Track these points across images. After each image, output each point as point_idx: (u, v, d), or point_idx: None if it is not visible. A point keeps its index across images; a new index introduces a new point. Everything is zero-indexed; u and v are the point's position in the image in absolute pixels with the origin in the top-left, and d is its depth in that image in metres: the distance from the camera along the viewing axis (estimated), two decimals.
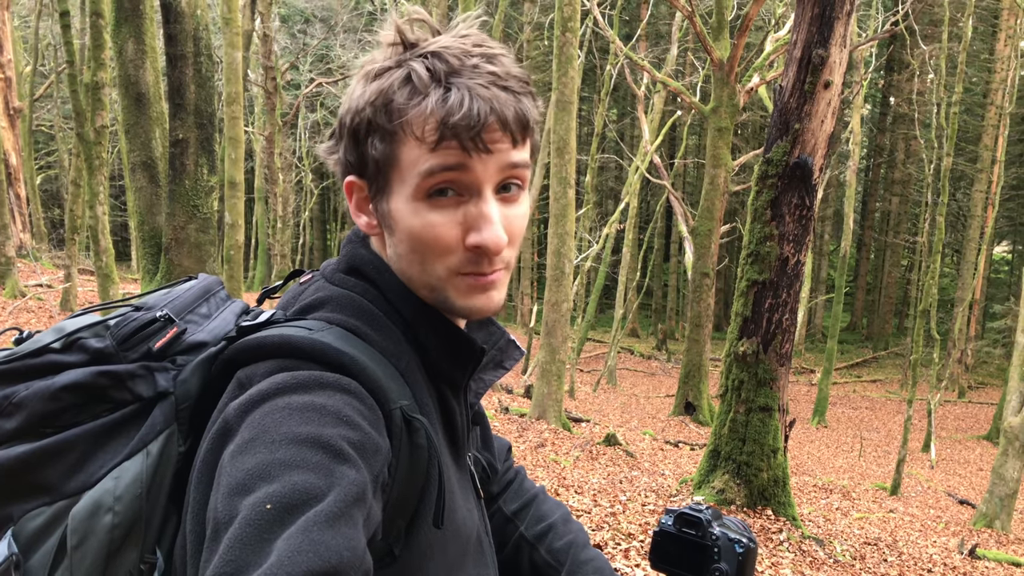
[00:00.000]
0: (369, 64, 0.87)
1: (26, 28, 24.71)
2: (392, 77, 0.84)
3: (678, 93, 16.13)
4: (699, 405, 15.26)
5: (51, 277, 13.76)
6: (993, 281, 31.67)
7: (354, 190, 0.91)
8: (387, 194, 0.87)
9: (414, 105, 0.82)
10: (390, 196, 0.87)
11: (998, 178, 22.53)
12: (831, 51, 5.91)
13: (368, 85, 0.85)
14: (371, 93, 0.84)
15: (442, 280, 0.87)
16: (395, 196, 0.86)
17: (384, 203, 0.88)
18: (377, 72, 0.85)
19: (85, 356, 0.86)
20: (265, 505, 0.66)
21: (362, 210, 0.91)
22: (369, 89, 0.85)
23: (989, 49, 27.75)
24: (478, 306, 0.89)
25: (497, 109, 0.83)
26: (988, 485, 10.18)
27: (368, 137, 0.85)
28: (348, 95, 0.88)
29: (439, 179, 0.83)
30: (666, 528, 1.15)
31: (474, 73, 0.83)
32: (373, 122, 0.84)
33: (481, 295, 0.88)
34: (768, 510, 6.24)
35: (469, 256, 0.86)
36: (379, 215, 0.89)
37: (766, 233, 6.19)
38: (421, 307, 0.90)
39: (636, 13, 28.52)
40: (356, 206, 0.91)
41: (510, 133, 0.84)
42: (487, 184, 0.85)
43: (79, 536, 0.80)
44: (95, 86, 8.08)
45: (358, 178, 0.89)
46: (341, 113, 0.89)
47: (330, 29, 24.44)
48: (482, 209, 0.85)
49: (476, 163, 0.83)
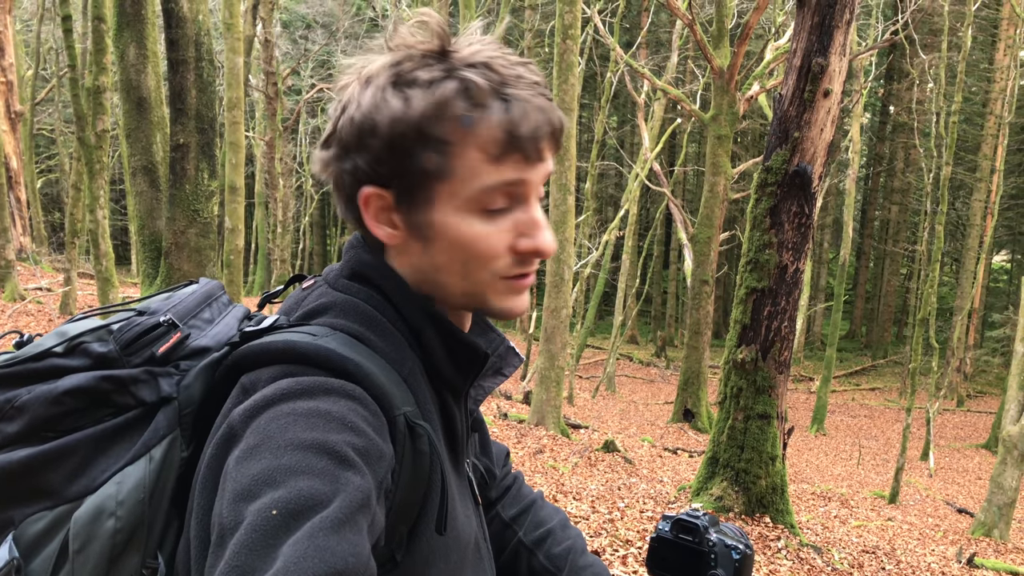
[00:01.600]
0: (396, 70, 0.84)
1: (28, 32, 24.76)
2: (446, 87, 0.82)
3: (678, 101, 16.16)
4: (698, 412, 15.25)
5: (51, 281, 13.75)
6: (992, 290, 31.69)
7: (372, 200, 0.87)
8: (427, 205, 0.85)
9: (477, 117, 0.82)
10: (432, 207, 0.85)
11: (997, 187, 22.57)
12: (831, 60, 5.93)
13: (410, 93, 0.82)
14: (423, 103, 0.81)
15: (485, 285, 0.88)
16: (440, 207, 0.85)
17: (421, 214, 0.86)
18: (419, 81, 0.82)
19: (88, 360, 0.86)
20: (271, 511, 0.67)
21: (381, 220, 0.88)
22: (416, 98, 0.82)
23: (989, 59, 27.82)
24: (515, 307, 0.91)
25: (552, 120, 0.85)
26: (987, 494, 10.17)
27: (415, 147, 0.82)
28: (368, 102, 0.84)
29: (501, 194, 0.85)
30: (663, 534, 1.15)
31: (521, 84, 0.84)
32: (427, 133, 0.82)
33: (518, 297, 0.91)
34: (766, 517, 6.23)
35: (516, 260, 0.87)
36: (410, 225, 0.87)
37: (765, 241, 6.20)
38: (427, 313, 0.90)
39: (636, 21, 28.56)
40: (374, 217, 0.88)
41: (556, 142, 0.87)
42: (535, 192, 0.87)
43: (81, 541, 0.80)
44: (96, 90, 8.09)
45: (379, 188, 0.86)
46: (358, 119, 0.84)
47: (331, 35, 24.48)
48: (534, 216, 0.87)
49: (531, 174, 0.85)
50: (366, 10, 26.81)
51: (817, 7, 5.93)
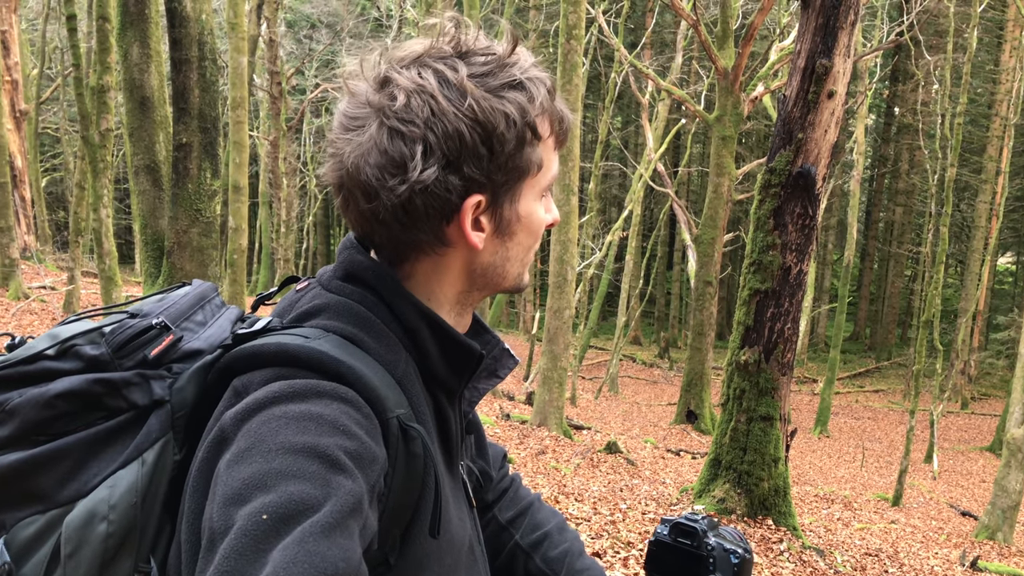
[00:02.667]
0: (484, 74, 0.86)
1: (33, 31, 24.81)
2: (539, 88, 0.88)
3: (682, 101, 16.14)
4: (701, 414, 15.23)
5: (55, 279, 13.76)
6: (997, 292, 31.62)
7: (475, 208, 0.87)
8: (517, 199, 0.90)
9: (552, 110, 0.90)
10: (518, 200, 0.91)
11: (1002, 189, 22.50)
12: (835, 61, 5.92)
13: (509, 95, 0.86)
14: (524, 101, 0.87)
15: (528, 262, 0.97)
16: (524, 198, 0.91)
17: (509, 208, 0.90)
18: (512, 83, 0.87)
19: (80, 363, 0.85)
20: (261, 515, 0.67)
21: (476, 226, 0.89)
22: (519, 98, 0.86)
23: (994, 60, 27.76)
24: (527, 280, 0.98)
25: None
26: (991, 497, 10.14)
27: (526, 146, 0.88)
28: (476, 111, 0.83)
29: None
30: (661, 537, 1.15)
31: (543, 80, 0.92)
32: (536, 129, 0.88)
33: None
34: (769, 520, 6.22)
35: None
36: (498, 223, 0.90)
37: (769, 242, 6.19)
38: (422, 313, 0.90)
39: (641, 21, 28.56)
40: (473, 225, 0.88)
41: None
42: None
43: (73, 545, 0.79)
44: (100, 89, 8.11)
45: (478, 195, 0.87)
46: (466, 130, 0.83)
47: (336, 35, 24.49)
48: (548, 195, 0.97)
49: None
50: (370, 10, 26.82)
51: (821, 8, 5.91)
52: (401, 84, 0.84)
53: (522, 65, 0.88)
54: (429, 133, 0.83)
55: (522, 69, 0.87)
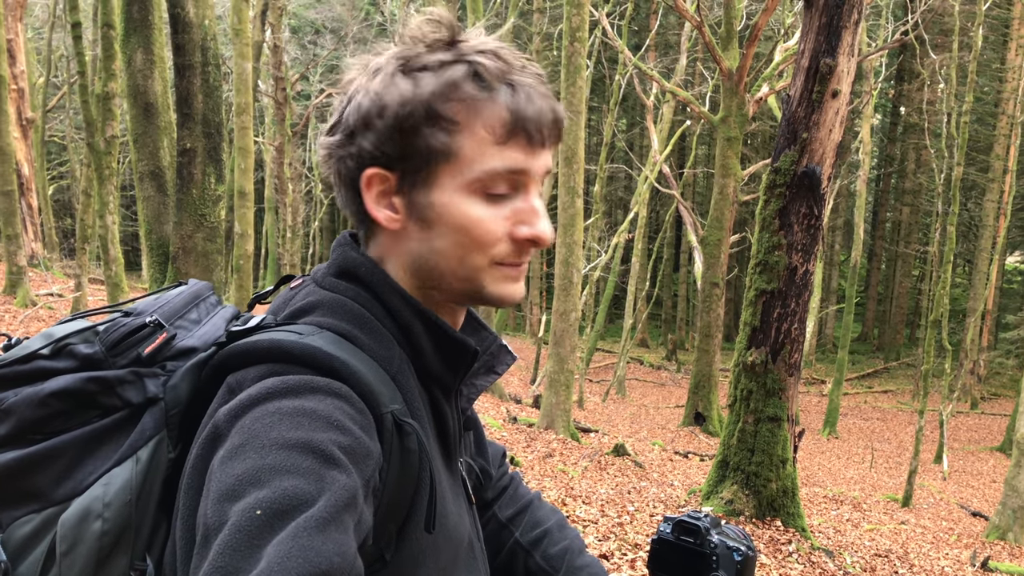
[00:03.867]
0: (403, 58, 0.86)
1: (39, 40, 24.94)
2: (455, 70, 0.84)
3: (687, 103, 16.13)
4: (709, 416, 15.20)
5: (62, 286, 13.83)
6: (1005, 291, 31.44)
7: (375, 182, 0.88)
8: (431, 186, 0.86)
9: (484, 98, 0.84)
10: (433, 188, 0.86)
11: (1010, 188, 22.44)
12: (839, 60, 5.90)
13: (417, 76, 0.85)
14: (432, 84, 0.84)
15: (481, 270, 0.89)
16: (441, 188, 0.86)
17: (424, 195, 0.87)
18: (428, 65, 0.85)
19: (74, 362, 0.85)
20: (255, 511, 0.66)
21: (382, 204, 0.89)
22: (425, 80, 0.84)
23: (1000, 58, 27.67)
24: (510, 294, 0.91)
25: (555, 108, 0.88)
26: (1001, 497, 10.10)
27: (423, 127, 0.84)
28: (378, 87, 0.85)
29: (502, 179, 0.86)
30: (664, 536, 1.14)
31: (526, 73, 0.87)
32: (436, 112, 0.84)
33: (513, 284, 0.91)
34: (777, 521, 6.20)
35: (513, 248, 0.88)
36: (411, 207, 0.88)
37: (774, 242, 6.17)
38: (417, 309, 0.90)
39: (645, 23, 28.56)
40: (375, 199, 0.89)
41: (557, 133, 0.89)
42: (535, 182, 0.89)
43: (68, 543, 0.79)
44: (106, 96, 8.14)
45: (384, 169, 0.87)
46: (364, 104, 0.86)
47: (340, 40, 24.55)
48: (532, 204, 0.88)
49: (533, 162, 0.87)
50: (375, 15, 26.89)
51: (825, 7, 5.90)
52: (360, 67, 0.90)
53: (459, 51, 0.85)
54: (347, 105, 0.88)
55: (459, 55, 0.85)
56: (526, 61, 0.88)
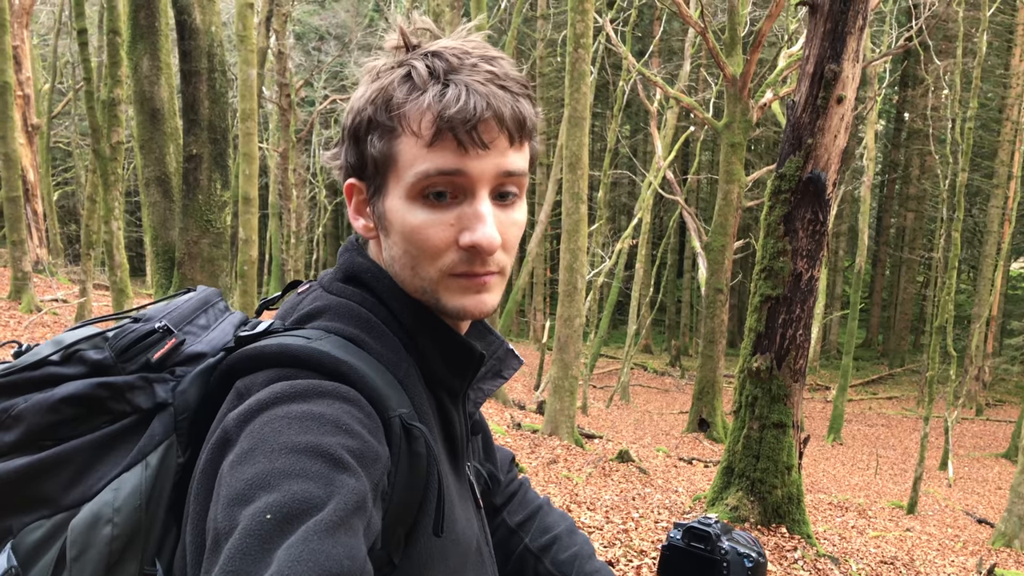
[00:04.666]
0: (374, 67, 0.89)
1: (45, 46, 25.03)
2: (392, 75, 0.85)
3: (691, 109, 16.13)
4: (713, 422, 15.17)
5: (67, 292, 13.85)
6: (1010, 297, 31.35)
7: (354, 192, 0.91)
8: (383, 194, 0.87)
9: (412, 100, 0.83)
10: (386, 195, 0.87)
11: (1015, 194, 22.37)
12: (844, 66, 5.90)
13: (370, 85, 0.87)
14: (371, 91, 0.86)
15: (434, 282, 0.87)
16: (390, 195, 0.87)
17: (380, 203, 0.88)
18: (379, 72, 0.87)
19: (84, 368, 0.86)
20: (265, 515, 0.66)
21: (360, 213, 0.92)
22: (370, 88, 0.86)
23: (1004, 64, 27.62)
24: (470, 307, 0.88)
25: (494, 105, 0.83)
26: (1007, 504, 10.05)
27: (368, 135, 0.86)
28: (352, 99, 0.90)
29: (435, 181, 0.83)
30: (675, 542, 1.14)
31: (473, 71, 0.84)
32: (373, 119, 0.85)
33: (473, 296, 0.88)
34: (782, 528, 6.18)
35: (462, 256, 0.86)
36: (376, 216, 0.90)
37: (779, 248, 6.16)
38: (421, 313, 0.90)
39: (649, 29, 28.60)
40: (355, 209, 0.92)
41: (507, 131, 0.84)
42: (482, 185, 0.85)
43: (78, 548, 0.79)
44: (111, 102, 8.16)
45: (358, 180, 0.90)
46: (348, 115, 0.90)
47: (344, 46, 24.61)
48: (476, 209, 0.84)
49: (472, 163, 0.83)
50: (379, 22, 26.96)
51: (829, 13, 5.91)
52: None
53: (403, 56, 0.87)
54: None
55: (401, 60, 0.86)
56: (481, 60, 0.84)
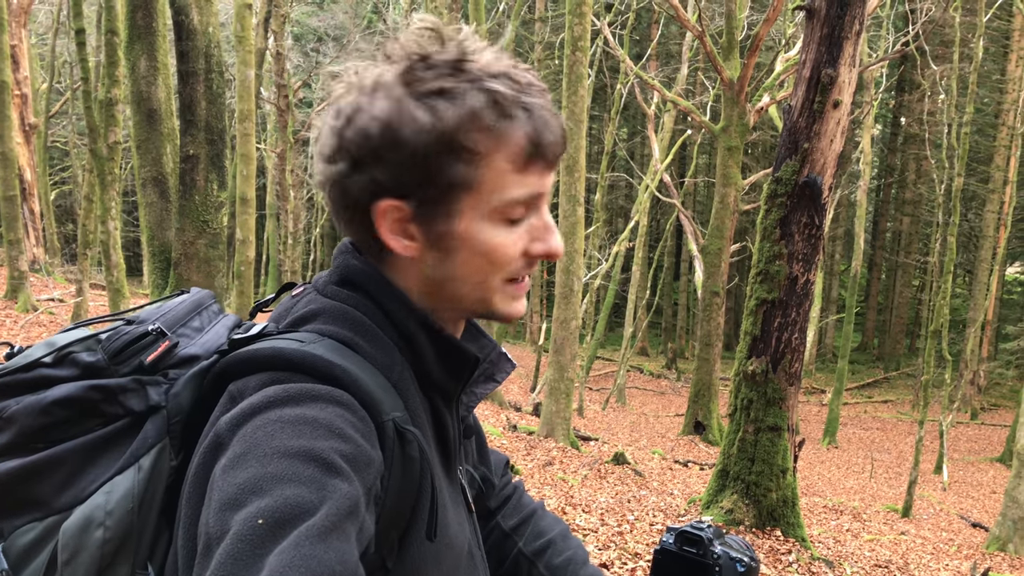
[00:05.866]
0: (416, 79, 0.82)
1: (43, 46, 25.00)
2: (474, 98, 0.81)
3: (688, 112, 16.16)
4: (709, 424, 15.18)
5: (63, 292, 13.82)
6: (1006, 302, 31.41)
7: (389, 212, 0.85)
8: (451, 216, 0.85)
9: (504, 127, 0.82)
10: (453, 218, 0.85)
11: (1010, 198, 22.45)
12: (840, 71, 5.92)
13: (433, 104, 0.81)
14: (453, 114, 0.81)
15: (495, 289, 0.90)
16: (462, 217, 0.85)
17: (444, 225, 0.85)
18: (442, 91, 0.81)
19: (76, 370, 0.85)
20: (257, 520, 0.66)
21: (398, 232, 0.87)
22: (443, 109, 0.81)
23: (1000, 70, 27.70)
24: (516, 310, 0.93)
25: (563, 126, 0.87)
26: (1001, 508, 10.07)
27: (444, 159, 0.82)
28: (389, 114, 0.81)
29: (523, 205, 0.86)
30: (667, 546, 1.14)
31: (535, 92, 0.85)
32: (457, 144, 0.81)
33: (519, 301, 0.93)
34: (777, 531, 6.18)
35: (524, 263, 0.89)
36: (429, 236, 0.86)
37: (775, 252, 6.17)
38: (418, 317, 0.89)
39: (646, 33, 28.64)
40: (390, 229, 0.86)
41: (564, 148, 0.89)
42: (545, 198, 0.89)
43: (70, 551, 0.79)
44: (109, 103, 8.14)
45: (399, 200, 0.85)
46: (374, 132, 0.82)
47: (343, 48, 24.61)
48: (545, 221, 0.89)
49: (547, 181, 0.87)
50: (377, 23, 26.97)
51: (826, 18, 5.92)
52: (350, 79, 0.86)
53: (471, 74, 0.82)
54: (347, 130, 0.84)
55: (472, 79, 0.82)
56: (531, 76, 0.85)
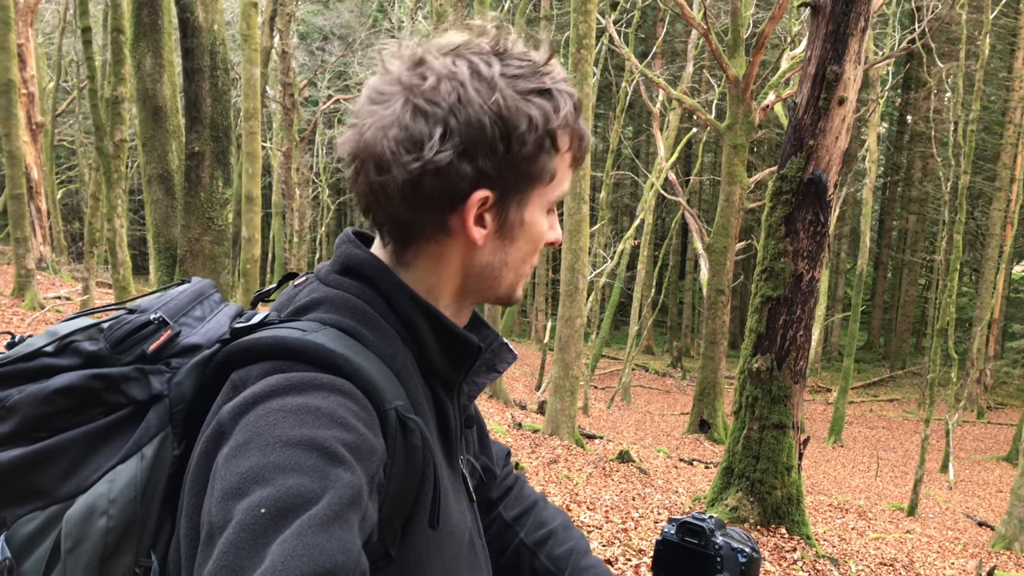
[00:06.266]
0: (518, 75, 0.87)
1: (50, 45, 25.07)
2: (567, 101, 0.90)
3: (693, 110, 16.13)
4: (714, 423, 15.16)
5: (69, 290, 13.87)
6: (1012, 300, 31.29)
7: (480, 202, 0.87)
8: (523, 205, 0.91)
9: (573, 124, 0.91)
10: (526, 206, 0.91)
11: (1017, 197, 22.35)
12: (845, 68, 5.90)
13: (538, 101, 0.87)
14: (556, 112, 0.88)
15: (525, 275, 0.98)
16: (531, 206, 0.92)
17: (516, 213, 0.91)
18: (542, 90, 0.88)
19: (79, 359, 0.85)
20: (259, 509, 0.67)
21: (479, 222, 0.89)
22: (545, 106, 0.87)
23: (1007, 67, 27.58)
24: (519, 294, 0.99)
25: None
26: (1007, 506, 10.04)
27: (542, 152, 0.88)
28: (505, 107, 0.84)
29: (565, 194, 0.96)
30: (669, 537, 1.14)
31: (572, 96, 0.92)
32: (555, 139, 0.89)
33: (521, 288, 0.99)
34: (782, 528, 6.17)
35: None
36: (501, 224, 0.90)
37: (780, 249, 6.16)
38: (421, 306, 0.90)
39: (652, 31, 28.59)
40: (476, 219, 0.88)
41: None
42: None
43: (73, 540, 0.79)
44: (115, 100, 8.17)
45: (491, 190, 0.87)
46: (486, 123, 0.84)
47: (348, 46, 24.62)
48: (555, 214, 0.98)
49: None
50: (383, 22, 26.97)
51: (831, 15, 5.91)
52: (434, 67, 0.86)
53: (555, 76, 0.89)
54: (451, 118, 0.83)
55: (554, 79, 0.89)
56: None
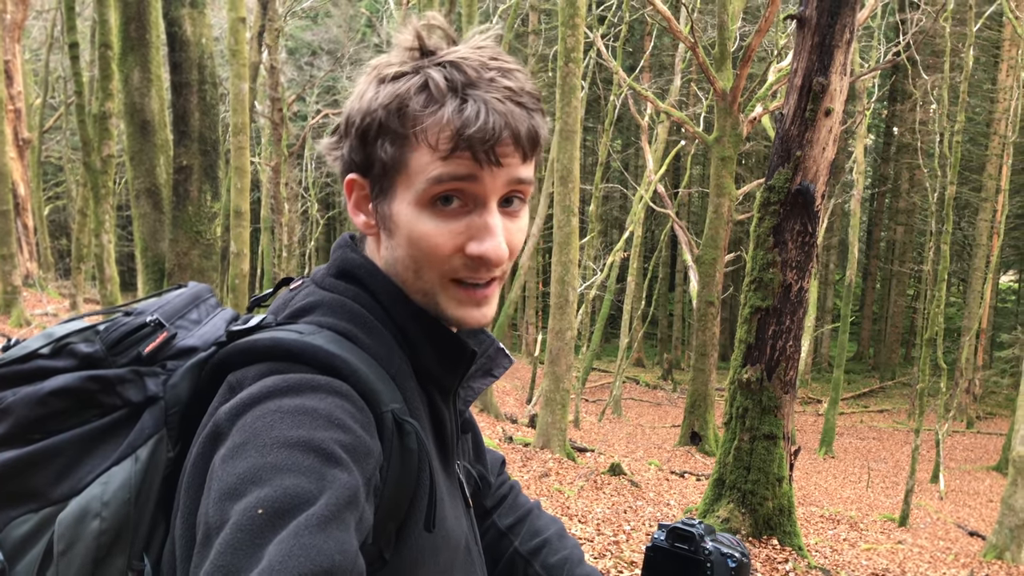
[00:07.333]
0: (383, 66, 0.87)
1: (37, 61, 25.01)
2: (409, 82, 0.84)
3: (682, 123, 16.22)
4: (705, 435, 15.16)
5: (57, 306, 13.78)
6: (1000, 310, 31.49)
7: (355, 188, 0.91)
8: (390, 196, 0.87)
9: (430, 113, 0.83)
10: (393, 199, 0.87)
11: (1003, 207, 22.54)
12: (831, 79, 5.95)
13: (382, 87, 0.86)
14: (385, 96, 0.85)
15: (435, 286, 0.88)
16: (398, 199, 0.87)
17: (386, 205, 0.88)
18: (393, 76, 0.86)
19: (74, 361, 0.85)
20: (256, 510, 0.67)
21: (360, 209, 0.92)
22: (383, 92, 0.85)
23: (991, 79, 27.87)
24: (468, 317, 0.90)
25: (511, 124, 0.84)
26: (998, 516, 10.06)
27: (378, 139, 0.86)
28: (358, 94, 0.88)
29: (446, 187, 0.84)
30: (659, 543, 1.14)
31: (490, 86, 0.84)
32: (385, 125, 0.85)
33: (475, 309, 0.90)
34: (774, 540, 6.17)
35: (465, 262, 0.87)
36: (379, 216, 0.90)
37: (768, 260, 6.19)
38: (414, 310, 0.90)
39: (639, 44, 28.76)
40: (355, 204, 0.92)
41: (521, 148, 0.86)
42: (493, 196, 0.86)
43: (66, 542, 0.79)
44: (102, 116, 8.15)
45: (360, 176, 0.90)
46: (349, 111, 0.89)
47: (336, 61, 24.67)
48: (486, 220, 0.86)
49: (486, 175, 0.84)
50: (371, 37, 27.05)
51: (817, 28, 5.96)
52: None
53: (422, 63, 0.85)
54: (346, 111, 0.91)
55: (418, 66, 0.85)
56: (498, 73, 0.85)
